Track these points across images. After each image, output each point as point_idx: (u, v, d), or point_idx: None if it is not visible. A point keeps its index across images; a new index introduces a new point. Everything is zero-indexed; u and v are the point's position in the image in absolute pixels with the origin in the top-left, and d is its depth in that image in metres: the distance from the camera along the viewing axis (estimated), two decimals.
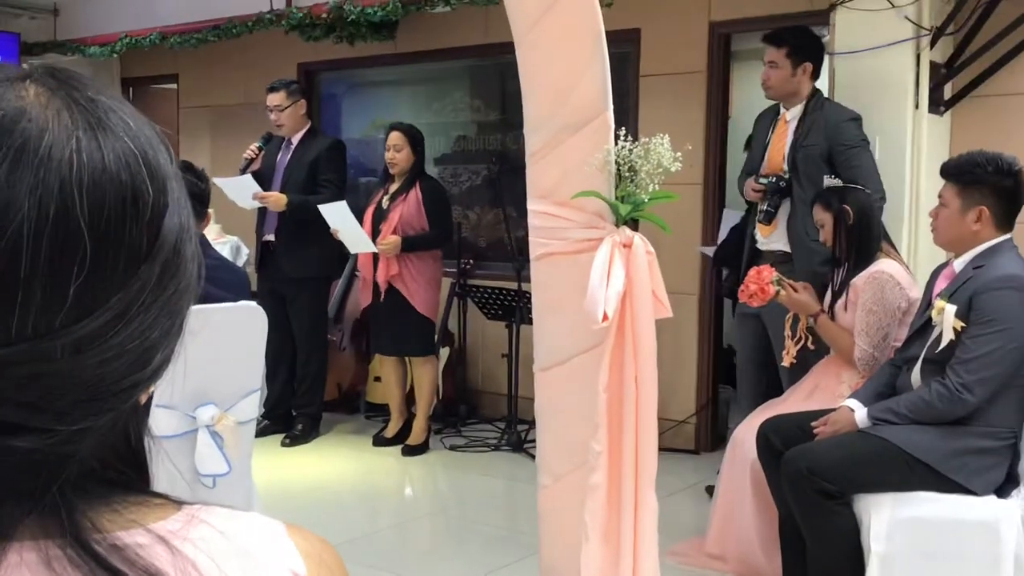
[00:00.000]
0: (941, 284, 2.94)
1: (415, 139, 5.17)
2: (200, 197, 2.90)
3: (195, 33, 6.27)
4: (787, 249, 3.96)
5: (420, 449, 5.17)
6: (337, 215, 4.99)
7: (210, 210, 3.02)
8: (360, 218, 5.07)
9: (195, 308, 0.65)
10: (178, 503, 0.64)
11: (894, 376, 3.03)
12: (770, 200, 3.97)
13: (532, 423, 4.68)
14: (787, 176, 3.94)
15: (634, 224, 2.60)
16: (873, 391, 3.03)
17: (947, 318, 2.76)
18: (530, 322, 4.90)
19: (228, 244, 6.04)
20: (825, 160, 3.84)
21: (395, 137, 5.17)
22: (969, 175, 2.84)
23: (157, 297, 0.59)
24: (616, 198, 2.51)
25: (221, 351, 2.47)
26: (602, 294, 2.38)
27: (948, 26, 4.03)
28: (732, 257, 4.27)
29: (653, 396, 2.48)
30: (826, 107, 3.95)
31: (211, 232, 5.46)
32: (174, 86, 7.53)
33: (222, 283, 2.71)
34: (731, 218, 4.64)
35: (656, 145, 2.40)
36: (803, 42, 4.04)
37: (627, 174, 2.45)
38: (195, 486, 2.41)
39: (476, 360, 6.06)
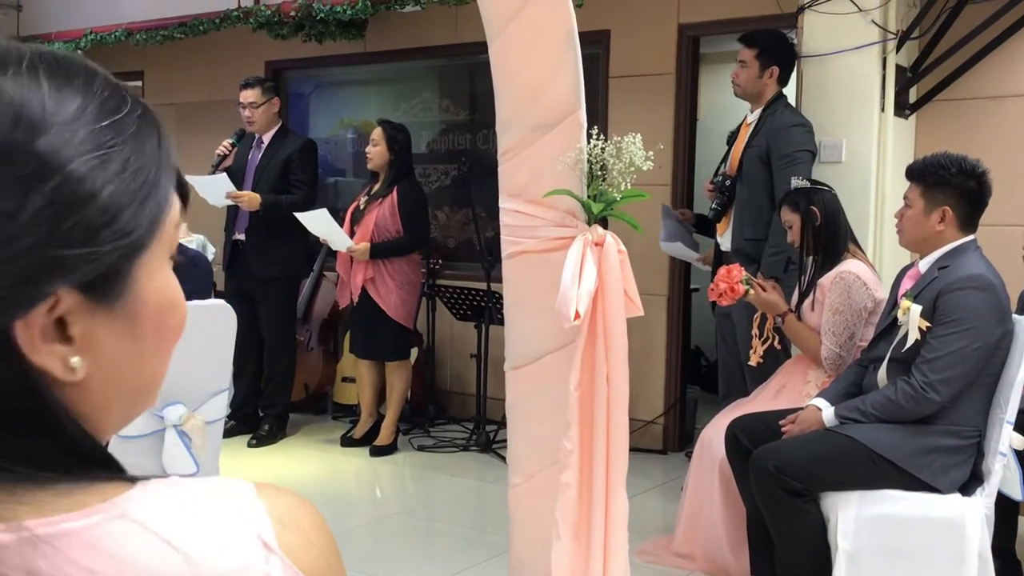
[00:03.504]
0: (907, 284, 2.98)
1: (393, 138, 5.13)
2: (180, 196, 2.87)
3: (161, 30, 6.20)
4: (740, 247, 4.04)
5: (388, 450, 5.15)
6: (317, 222, 4.96)
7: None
8: (340, 219, 5.05)
9: None
10: (124, 481, 0.59)
11: (860, 375, 3.06)
12: (718, 198, 4.06)
13: (501, 423, 4.68)
14: (732, 176, 4.04)
15: (605, 223, 2.61)
16: (840, 390, 3.06)
17: (912, 318, 2.79)
18: (499, 322, 4.91)
19: (194, 242, 5.97)
20: (764, 163, 3.91)
21: (374, 132, 5.17)
22: (934, 176, 2.88)
23: None
24: (588, 197, 2.51)
25: (189, 350, 2.43)
26: (574, 292, 2.39)
27: (914, 30, 4.08)
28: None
29: (624, 394, 2.49)
30: (779, 112, 4.00)
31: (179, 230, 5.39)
32: (139, 83, 7.44)
33: (191, 277, 2.69)
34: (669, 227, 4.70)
35: (628, 144, 2.41)
36: (774, 46, 4.09)
37: (599, 173, 2.45)
38: None
39: (445, 360, 6.04)
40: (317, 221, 4.98)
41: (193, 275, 2.77)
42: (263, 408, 5.42)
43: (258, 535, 0.60)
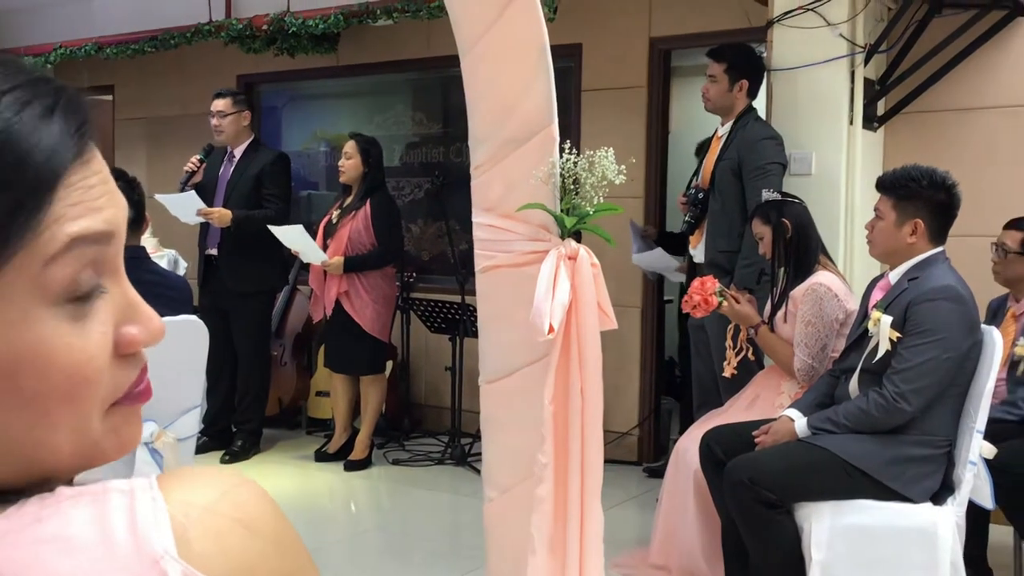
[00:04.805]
0: (877, 295, 3.00)
1: (366, 151, 5.12)
2: (134, 204, 2.85)
3: (131, 44, 6.17)
4: (713, 259, 4.07)
5: (363, 464, 5.13)
6: (291, 236, 4.94)
7: (148, 214, 2.96)
8: (314, 232, 5.03)
9: None
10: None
11: (832, 386, 3.08)
12: (691, 211, 4.09)
13: (476, 436, 4.67)
14: (705, 189, 4.07)
15: (578, 236, 2.61)
16: (812, 401, 3.08)
17: (883, 329, 2.81)
18: (474, 335, 4.91)
19: (165, 257, 5.94)
20: (736, 175, 3.95)
21: (347, 145, 5.15)
22: (904, 189, 2.91)
23: None
24: (561, 210, 2.52)
25: (161, 366, 2.41)
26: (547, 306, 2.39)
27: (881, 44, 4.13)
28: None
29: (599, 407, 2.49)
30: (749, 125, 4.04)
31: (149, 245, 5.35)
32: (109, 97, 7.40)
33: (167, 301, 2.66)
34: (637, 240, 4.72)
35: (600, 158, 2.42)
36: (742, 60, 4.13)
37: (572, 186, 2.46)
38: None
39: (419, 373, 6.03)
40: (291, 236, 4.96)
41: (169, 298, 2.74)
42: (236, 424, 5.37)
43: (152, 556, 0.50)
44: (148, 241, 5.43)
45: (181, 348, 2.53)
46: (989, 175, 4.26)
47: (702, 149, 5.13)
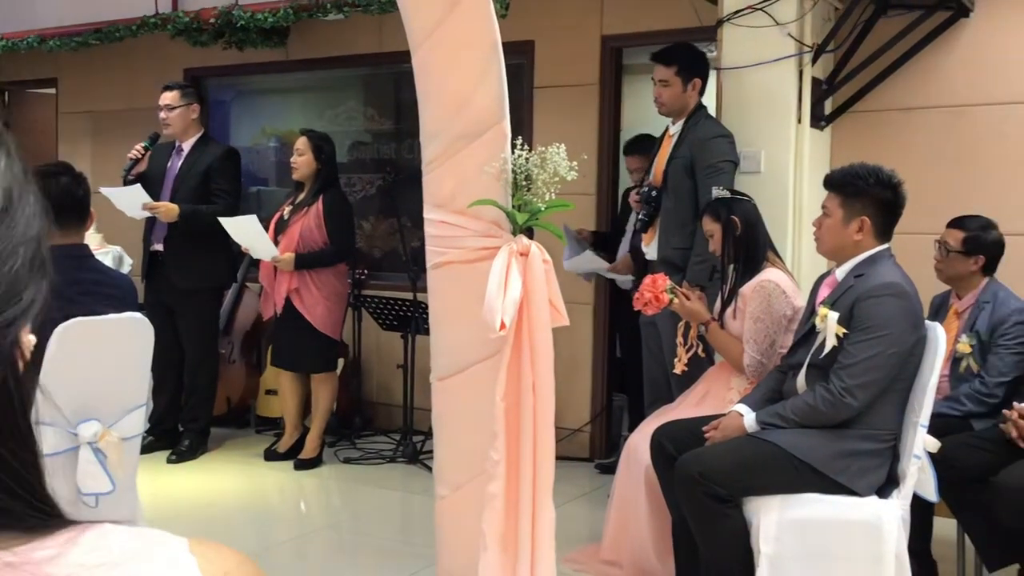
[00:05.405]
0: (824, 292, 3.04)
1: (319, 147, 5.07)
2: (78, 201, 2.79)
3: (75, 36, 6.04)
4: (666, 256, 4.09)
5: (313, 463, 5.08)
6: (243, 229, 4.87)
7: (92, 211, 2.90)
8: (265, 228, 4.96)
9: (77, 320, 0.62)
10: (65, 522, 0.61)
11: (781, 381, 3.11)
12: (644, 209, 4.11)
13: (428, 434, 4.65)
14: (657, 187, 4.07)
15: (530, 233, 2.61)
16: (761, 396, 3.11)
17: (830, 325, 2.85)
18: (426, 332, 4.87)
19: (110, 254, 5.84)
20: (688, 173, 3.97)
21: (299, 141, 5.10)
22: (851, 187, 2.94)
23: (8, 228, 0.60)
24: (513, 207, 2.51)
25: (104, 365, 2.37)
26: (499, 303, 2.38)
27: (829, 43, 4.18)
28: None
29: (551, 404, 2.49)
30: (701, 123, 4.06)
31: (93, 241, 5.27)
32: (53, 91, 7.25)
33: (108, 299, 2.61)
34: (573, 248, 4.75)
35: (552, 154, 2.42)
36: (691, 59, 4.15)
37: (523, 183, 2.46)
38: (77, 505, 2.30)
39: (371, 371, 5.99)
40: (243, 228, 4.88)
41: (112, 296, 2.68)
42: (184, 423, 5.30)
43: None
44: (92, 238, 5.34)
45: (125, 346, 2.48)
46: (933, 174, 4.34)
47: (631, 148, 5.17)
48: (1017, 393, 3.28)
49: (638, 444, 3.49)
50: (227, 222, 4.88)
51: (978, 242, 3.49)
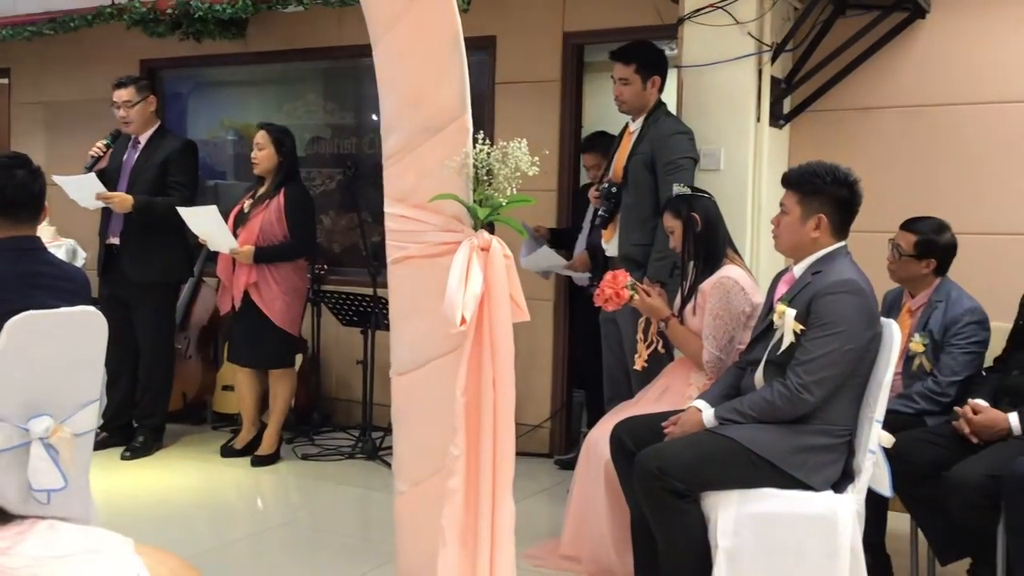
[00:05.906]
0: (782, 289, 3.07)
1: (279, 140, 5.02)
2: (35, 196, 2.73)
3: (28, 25, 5.93)
4: (627, 253, 4.10)
5: (271, 459, 5.04)
6: (201, 220, 4.81)
7: (47, 204, 2.84)
8: (226, 220, 4.90)
9: (28, 313, 0.60)
10: (11, 516, 0.60)
11: (739, 377, 3.14)
12: (604, 206, 4.12)
13: (387, 430, 4.63)
14: (618, 184, 4.09)
15: (491, 228, 2.61)
16: (719, 392, 3.13)
17: (787, 321, 2.88)
18: (386, 328, 4.86)
19: (64, 247, 5.75)
20: (649, 169, 3.99)
21: (258, 135, 5.04)
22: (809, 185, 2.97)
23: None
24: (474, 201, 2.51)
25: (56, 359, 2.33)
26: (460, 298, 2.38)
27: (788, 43, 4.22)
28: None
29: (511, 399, 2.49)
30: (661, 120, 4.08)
31: (46, 234, 5.17)
32: (5, 81, 7.11)
33: (61, 293, 2.56)
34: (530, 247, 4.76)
35: (514, 149, 2.42)
36: (650, 57, 4.16)
37: (485, 178, 2.45)
38: (28, 501, 2.26)
39: (330, 367, 5.95)
40: (201, 219, 4.82)
41: (65, 290, 2.63)
42: (138, 419, 5.23)
43: None
44: (45, 231, 5.24)
45: (78, 340, 2.43)
46: (889, 172, 4.40)
47: (587, 145, 5.18)
48: (969, 392, 3.33)
49: (598, 440, 3.50)
50: (186, 212, 4.82)
51: (930, 246, 3.53)
